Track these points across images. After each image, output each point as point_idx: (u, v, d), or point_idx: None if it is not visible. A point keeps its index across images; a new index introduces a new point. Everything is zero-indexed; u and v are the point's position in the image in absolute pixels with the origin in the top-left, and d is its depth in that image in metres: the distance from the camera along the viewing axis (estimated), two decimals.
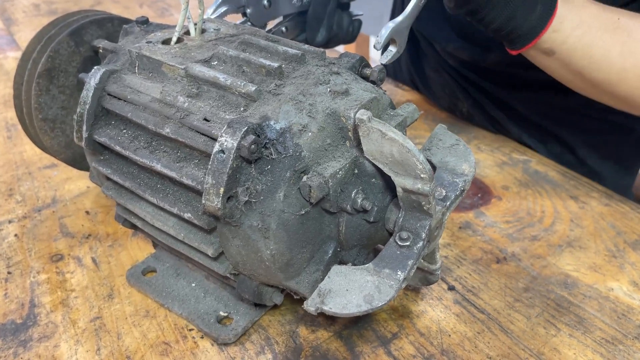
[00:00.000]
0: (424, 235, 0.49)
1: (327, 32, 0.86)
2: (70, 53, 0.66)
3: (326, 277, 0.49)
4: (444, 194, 0.52)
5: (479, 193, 0.81)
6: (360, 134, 0.47)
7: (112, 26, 0.69)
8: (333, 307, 0.46)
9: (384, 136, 0.45)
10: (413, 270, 0.49)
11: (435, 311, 0.62)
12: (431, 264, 0.56)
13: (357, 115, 0.45)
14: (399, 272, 0.48)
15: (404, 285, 0.48)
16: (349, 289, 0.47)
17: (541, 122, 0.99)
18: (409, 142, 0.45)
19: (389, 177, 0.48)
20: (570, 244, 0.71)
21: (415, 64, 1.16)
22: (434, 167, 0.55)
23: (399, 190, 0.48)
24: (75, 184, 0.84)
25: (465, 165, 0.54)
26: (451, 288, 0.64)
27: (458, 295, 0.63)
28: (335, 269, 0.49)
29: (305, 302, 0.47)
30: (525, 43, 0.69)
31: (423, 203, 0.48)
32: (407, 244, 0.49)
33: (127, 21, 0.70)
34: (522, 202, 0.79)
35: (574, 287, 0.64)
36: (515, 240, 0.72)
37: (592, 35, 0.68)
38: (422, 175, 0.46)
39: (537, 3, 0.67)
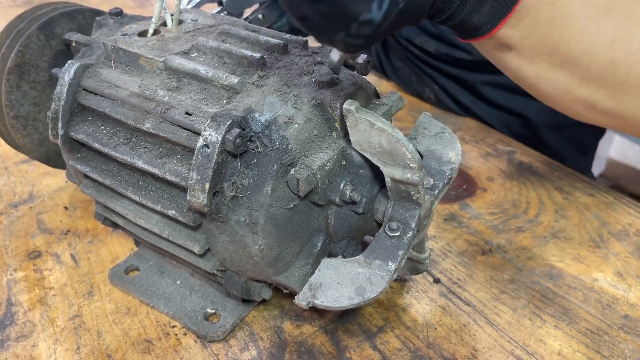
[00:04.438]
0: (413, 224, 0.49)
1: None
2: (41, 47, 0.64)
3: (316, 270, 0.48)
4: (432, 182, 0.51)
5: (464, 184, 0.81)
6: (347, 124, 0.46)
7: (84, 18, 0.67)
8: (325, 300, 0.46)
9: (372, 126, 0.44)
10: (404, 261, 0.49)
11: (421, 304, 0.61)
12: (420, 253, 0.56)
13: (345, 105, 0.45)
14: (390, 263, 0.47)
15: (395, 276, 0.48)
16: (340, 282, 0.47)
17: (505, 104, 1.01)
18: (397, 131, 0.44)
19: (377, 167, 0.48)
20: (555, 235, 0.71)
21: (384, 54, 1.19)
22: (421, 156, 0.54)
23: (387, 180, 0.48)
24: (53, 179, 0.82)
25: (451, 153, 0.54)
26: (437, 281, 0.64)
27: (444, 288, 0.63)
28: (326, 262, 0.49)
29: (296, 297, 0.47)
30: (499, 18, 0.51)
31: (412, 192, 0.48)
32: (397, 234, 0.49)
33: (99, 13, 0.68)
34: (507, 194, 0.79)
35: (559, 278, 0.65)
36: (501, 231, 0.72)
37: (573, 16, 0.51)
38: (411, 165, 0.45)
39: None
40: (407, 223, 0.49)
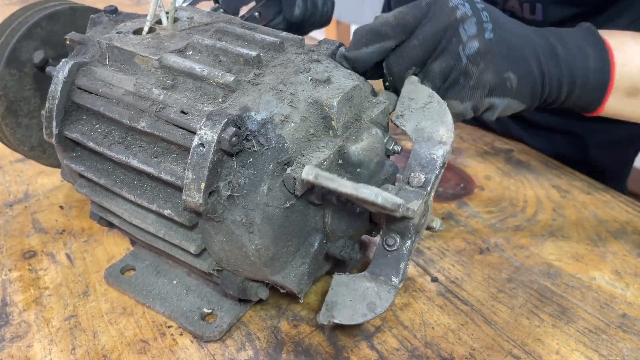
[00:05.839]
0: (409, 234, 0.49)
1: (304, 3, 0.85)
2: (18, 80, 0.63)
3: (330, 289, 0.51)
4: (423, 179, 0.50)
5: (462, 183, 0.81)
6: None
7: (42, 30, 0.64)
8: (342, 319, 0.50)
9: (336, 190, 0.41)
10: (408, 267, 0.50)
11: (418, 303, 0.61)
12: (431, 229, 0.56)
13: (302, 175, 0.40)
14: (394, 278, 0.49)
15: (401, 285, 0.50)
16: (353, 299, 0.50)
17: (559, 127, 0.95)
18: (362, 191, 0.40)
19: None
20: (553, 234, 0.71)
21: None
22: (407, 150, 0.54)
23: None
24: (49, 178, 0.82)
25: (442, 129, 0.51)
26: (434, 280, 0.64)
27: (441, 287, 0.63)
28: (336, 279, 0.51)
29: (317, 316, 0.50)
30: (604, 92, 0.60)
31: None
32: (395, 248, 0.50)
33: (94, 10, 0.67)
34: (505, 192, 0.79)
35: (556, 277, 0.64)
36: (498, 230, 0.72)
37: None
38: (390, 212, 0.42)
39: (586, 46, 0.59)
40: (403, 233, 0.50)
